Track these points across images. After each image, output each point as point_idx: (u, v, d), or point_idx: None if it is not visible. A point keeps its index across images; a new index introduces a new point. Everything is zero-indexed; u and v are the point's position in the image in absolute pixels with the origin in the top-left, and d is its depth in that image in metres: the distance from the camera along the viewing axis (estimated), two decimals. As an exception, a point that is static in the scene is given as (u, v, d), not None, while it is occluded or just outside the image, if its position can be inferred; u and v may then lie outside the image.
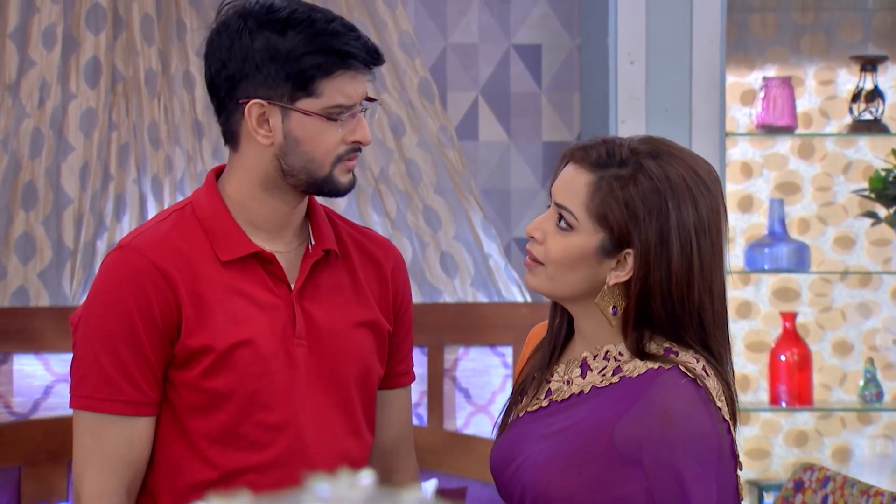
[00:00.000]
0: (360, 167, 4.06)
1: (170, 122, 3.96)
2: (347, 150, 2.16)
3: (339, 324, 2.23)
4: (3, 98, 3.88)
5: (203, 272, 2.16)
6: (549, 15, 4.35)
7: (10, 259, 3.87)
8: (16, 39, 3.88)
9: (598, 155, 2.00)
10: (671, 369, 1.99)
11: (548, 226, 2.05)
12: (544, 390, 2.09)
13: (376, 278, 2.31)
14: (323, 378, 2.21)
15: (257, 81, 2.12)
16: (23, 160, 3.88)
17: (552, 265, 2.04)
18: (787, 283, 4.47)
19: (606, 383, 2.03)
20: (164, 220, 2.21)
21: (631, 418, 1.98)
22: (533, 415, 2.08)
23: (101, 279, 2.17)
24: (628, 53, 4.14)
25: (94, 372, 2.13)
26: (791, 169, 4.49)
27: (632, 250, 2.00)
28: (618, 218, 1.99)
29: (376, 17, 4.09)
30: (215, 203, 2.20)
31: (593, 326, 2.07)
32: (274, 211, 2.20)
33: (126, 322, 2.12)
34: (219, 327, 2.14)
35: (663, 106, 4.16)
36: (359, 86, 2.15)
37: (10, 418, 3.86)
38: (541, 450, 2.03)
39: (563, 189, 2.03)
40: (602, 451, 1.98)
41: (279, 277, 2.20)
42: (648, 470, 1.96)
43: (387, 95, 4.11)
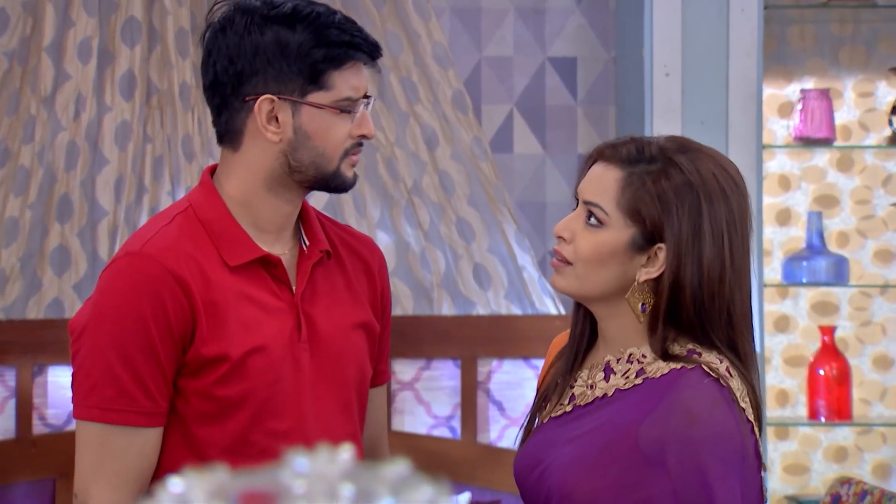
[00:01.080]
0: (394, 179, 4.06)
1: (203, 135, 3.97)
2: (353, 145, 2.15)
3: (339, 326, 2.21)
4: (39, 111, 3.90)
5: (213, 278, 2.12)
6: (584, 27, 4.34)
7: (45, 271, 3.89)
8: (51, 53, 3.91)
9: (627, 152, 2.02)
10: (694, 369, 1.99)
11: (576, 224, 2.04)
12: (568, 395, 2.09)
13: (365, 277, 2.30)
14: (325, 382, 2.19)
15: (268, 77, 2.10)
16: (58, 173, 3.90)
17: (582, 263, 2.03)
18: (825, 296, 4.43)
19: (629, 385, 2.03)
20: (168, 224, 2.15)
21: (654, 418, 1.97)
22: (557, 420, 2.08)
23: (111, 287, 2.09)
24: (664, 65, 4.12)
25: (106, 382, 2.06)
26: (830, 182, 4.45)
27: (664, 245, 2.00)
28: (651, 211, 1.99)
29: (409, 28, 4.09)
30: (216, 205, 2.15)
31: (618, 329, 2.06)
32: (277, 211, 2.17)
33: (141, 330, 2.06)
34: (233, 335, 2.11)
35: (699, 118, 4.13)
36: (363, 79, 2.15)
37: (45, 430, 3.87)
38: (565, 453, 2.02)
39: (592, 186, 2.04)
40: (626, 452, 1.97)
41: (282, 281, 2.17)
42: (672, 470, 1.95)
43: (420, 107, 4.11)
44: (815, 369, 4.23)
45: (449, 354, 3.98)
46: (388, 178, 4.06)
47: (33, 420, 3.85)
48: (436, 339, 3.98)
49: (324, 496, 0.95)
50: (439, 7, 4.24)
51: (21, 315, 3.88)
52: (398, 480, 0.95)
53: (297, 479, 0.96)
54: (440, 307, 4.03)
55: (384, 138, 4.06)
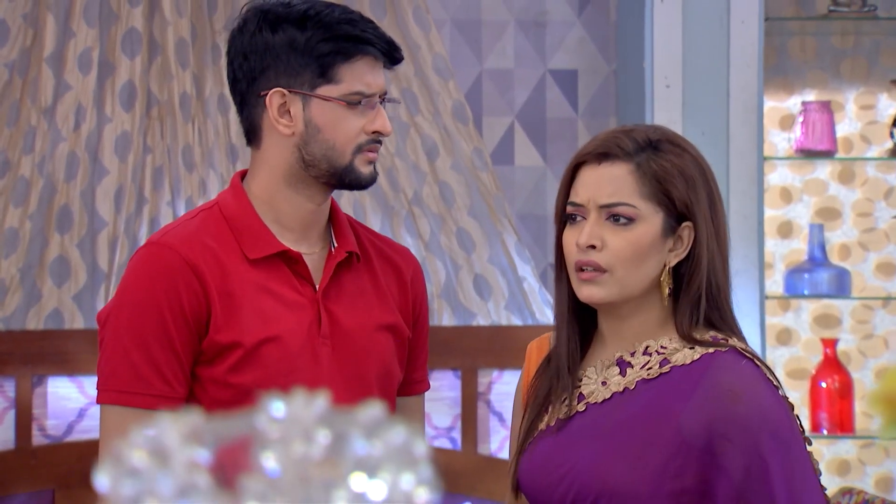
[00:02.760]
0: (394, 189, 4.06)
1: (204, 146, 3.97)
2: (368, 141, 2.19)
3: (362, 325, 2.26)
4: (39, 122, 3.91)
5: (231, 269, 2.19)
6: (585, 40, 4.34)
7: (45, 282, 3.89)
8: (52, 64, 3.91)
9: (622, 146, 2.02)
10: (728, 351, 2.00)
11: (601, 230, 2.03)
12: (575, 396, 2.07)
13: (397, 284, 2.34)
14: (346, 377, 2.23)
15: (278, 71, 2.17)
16: (58, 183, 3.91)
17: (621, 266, 2.01)
18: (827, 309, 4.41)
19: (655, 374, 2.02)
20: (191, 218, 2.25)
21: (696, 404, 1.97)
22: (568, 422, 2.06)
23: (130, 275, 2.19)
24: (665, 77, 4.12)
25: (123, 367, 2.14)
26: (831, 194, 4.44)
27: (690, 222, 2.02)
28: (679, 189, 2.01)
29: (410, 40, 4.10)
30: (242, 203, 2.23)
31: (638, 324, 2.06)
32: (299, 208, 2.23)
33: (156, 316, 2.14)
34: (247, 323, 2.17)
35: (700, 130, 4.13)
36: (378, 76, 2.19)
37: (44, 441, 3.86)
38: (596, 450, 2.01)
39: (604, 188, 2.02)
40: (667, 440, 1.97)
41: (305, 277, 2.23)
42: (721, 452, 1.94)
43: (420, 118, 4.11)
44: (818, 382, 4.22)
45: (449, 365, 3.97)
46: (389, 188, 4.06)
47: (33, 431, 3.85)
48: (436, 349, 3.94)
49: (299, 440, 0.94)
50: (440, 19, 4.25)
51: (21, 326, 3.88)
52: (372, 423, 0.94)
53: (272, 424, 0.96)
54: (440, 318, 4.02)
55: (384, 149, 4.06)
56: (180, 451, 0.95)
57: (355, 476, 0.90)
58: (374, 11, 4.06)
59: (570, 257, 2.05)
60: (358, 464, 0.92)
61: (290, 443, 0.94)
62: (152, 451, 0.95)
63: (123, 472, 0.93)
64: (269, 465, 0.92)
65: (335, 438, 0.93)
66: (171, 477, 0.92)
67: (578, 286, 2.04)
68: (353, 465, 0.91)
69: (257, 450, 0.94)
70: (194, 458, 0.94)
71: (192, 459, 0.94)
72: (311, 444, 0.93)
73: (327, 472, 0.91)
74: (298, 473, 0.92)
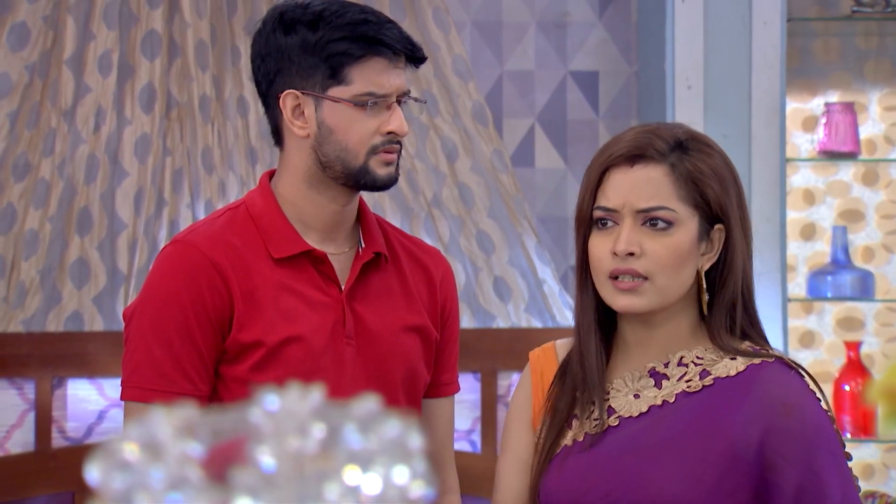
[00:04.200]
0: (413, 191, 4.04)
1: (223, 148, 3.97)
2: (383, 142, 2.18)
3: (388, 326, 2.25)
4: (60, 124, 3.91)
5: (255, 268, 2.19)
6: (606, 41, 4.32)
7: (65, 284, 3.89)
8: (72, 66, 3.91)
9: (656, 147, 1.94)
10: (774, 362, 1.94)
11: (638, 236, 1.94)
12: (604, 410, 1.97)
13: (426, 285, 2.33)
14: (370, 378, 2.22)
15: (292, 73, 2.18)
16: (78, 186, 3.91)
17: (662, 274, 1.93)
18: (851, 311, 4.38)
19: (698, 387, 1.94)
20: (218, 217, 2.26)
21: (747, 417, 1.90)
22: (600, 437, 1.96)
23: (155, 273, 2.21)
24: (686, 79, 4.10)
25: (147, 363, 2.15)
26: (854, 196, 4.41)
27: (722, 224, 1.96)
28: (714, 191, 1.94)
29: (430, 41, 4.09)
30: (269, 202, 2.24)
31: (670, 333, 1.98)
32: (322, 209, 2.23)
33: (179, 314, 2.15)
34: (270, 322, 2.17)
35: (722, 132, 4.11)
36: (392, 76, 2.17)
37: (64, 443, 3.86)
38: (644, 467, 1.91)
39: (641, 191, 1.93)
40: (721, 455, 1.89)
41: (330, 277, 2.22)
42: (775, 467, 1.89)
43: (440, 120, 4.10)
44: (841, 385, 4.19)
45: (469, 368, 3.95)
46: (408, 190, 4.05)
47: (52, 433, 3.85)
48: (456, 351, 3.95)
49: (293, 434, 0.93)
50: (460, 21, 4.24)
51: (41, 328, 3.88)
52: (367, 416, 0.93)
53: (266, 418, 0.95)
54: (460, 320, 4.00)
55: (404, 151, 4.05)
56: (173, 444, 0.93)
57: (349, 470, 0.89)
58: (394, 13, 4.05)
59: (602, 265, 1.95)
60: (352, 457, 0.90)
61: (284, 437, 0.93)
62: (144, 445, 0.94)
63: (114, 466, 0.92)
64: (264, 460, 0.91)
65: (329, 432, 0.92)
66: (163, 471, 0.91)
67: (614, 296, 1.94)
68: (346, 459, 0.90)
69: (251, 444, 0.93)
70: (187, 451, 0.93)
71: (184, 453, 0.93)
72: (305, 438, 0.92)
73: (321, 466, 0.89)
74: (292, 467, 0.91)
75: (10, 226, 3.89)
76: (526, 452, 2.06)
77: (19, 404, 3.85)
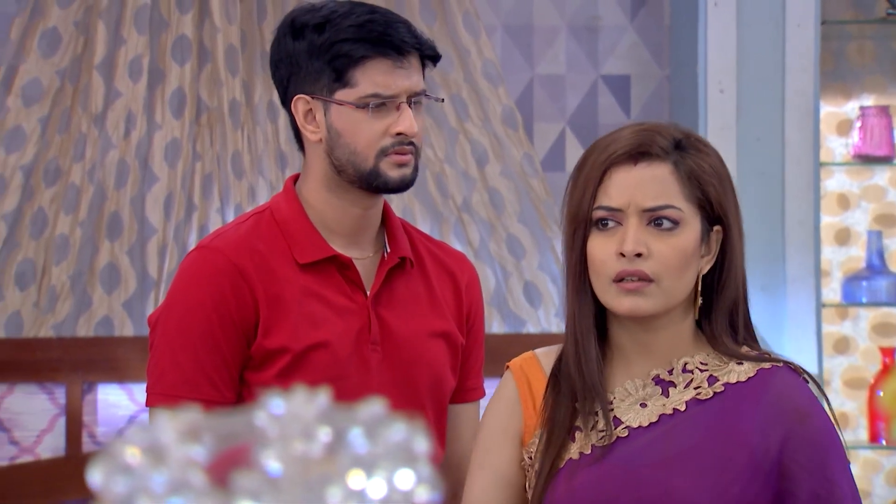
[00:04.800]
0: (443, 196, 4.03)
1: (253, 152, 3.97)
2: (393, 143, 2.16)
3: (414, 332, 2.23)
4: (90, 129, 3.92)
5: (280, 274, 2.17)
6: (638, 45, 4.29)
7: (95, 289, 3.90)
8: (102, 71, 3.92)
9: (660, 144, 1.88)
10: (783, 367, 1.90)
11: (645, 236, 1.86)
12: (609, 420, 1.89)
13: (451, 290, 2.31)
14: (396, 384, 2.21)
15: (301, 78, 2.18)
16: (108, 191, 3.91)
17: (669, 276, 1.86)
18: (886, 317, 4.34)
19: (709, 394, 1.88)
20: (243, 222, 2.25)
21: (763, 424, 1.85)
22: (610, 449, 1.88)
23: (180, 278, 2.20)
24: (718, 82, 4.08)
25: (172, 369, 2.14)
26: (890, 200, 4.37)
27: (720, 225, 1.90)
28: (716, 190, 1.88)
29: (459, 45, 4.07)
30: (294, 207, 2.22)
31: (668, 339, 1.91)
32: (345, 213, 2.22)
33: (204, 320, 2.14)
34: (295, 328, 2.16)
35: (755, 135, 4.08)
36: (398, 77, 2.15)
37: (94, 448, 3.86)
38: (667, 479, 1.84)
39: (648, 190, 1.86)
40: (742, 464, 1.84)
41: (355, 283, 2.21)
42: (792, 476, 1.85)
43: (470, 124, 4.08)
44: (876, 391, 4.14)
45: (498, 373, 3.91)
46: (438, 195, 4.03)
47: (83, 438, 3.85)
48: (485, 357, 3.93)
49: (299, 438, 0.91)
50: (491, 25, 4.22)
51: (71, 333, 3.89)
52: (372, 420, 0.91)
53: (272, 421, 0.93)
54: (490, 325, 3.98)
55: (433, 155, 4.04)
56: (177, 448, 0.92)
57: (353, 474, 0.88)
58: (424, 17, 4.04)
59: (606, 268, 1.87)
60: (357, 461, 0.89)
61: (290, 441, 0.91)
62: (147, 449, 0.92)
63: (116, 470, 0.90)
64: (269, 464, 0.89)
65: (335, 436, 0.91)
66: (165, 475, 0.89)
67: (618, 298, 1.85)
68: (351, 463, 0.88)
69: (257, 448, 0.91)
70: (191, 455, 0.92)
71: (188, 457, 0.91)
72: (311, 442, 0.90)
73: (324, 470, 0.88)
74: (296, 471, 0.89)
75: (41, 231, 3.90)
76: (509, 468, 1.95)
77: (50, 409, 3.86)
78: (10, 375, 3.84)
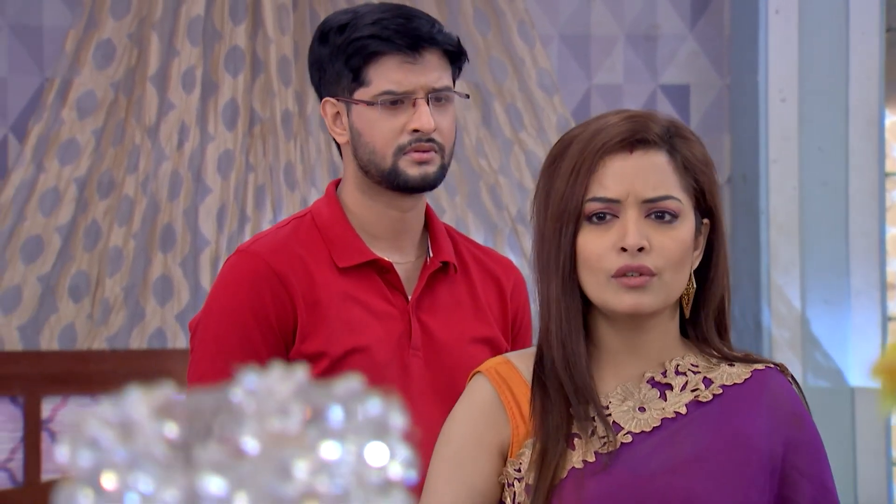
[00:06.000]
0: (497, 207, 3.98)
1: (306, 163, 3.95)
2: (410, 140, 2.14)
3: (457, 338, 2.20)
4: (143, 141, 3.91)
5: (320, 278, 2.15)
6: (697, 53, 4.23)
7: (148, 301, 3.89)
8: (156, 83, 3.92)
9: (656, 131, 1.77)
10: (775, 369, 1.83)
11: (645, 229, 1.75)
12: (609, 426, 1.77)
13: (496, 296, 2.27)
14: (437, 391, 2.17)
15: (327, 80, 2.19)
16: (161, 202, 3.91)
17: (670, 270, 1.75)
18: (955, 331, 4.24)
19: (708, 397, 1.79)
20: (283, 227, 2.23)
21: (767, 427, 1.79)
22: (615, 455, 1.76)
23: (219, 283, 2.19)
24: (780, 91, 4.01)
25: (210, 375, 2.12)
26: (958, 211, 4.27)
27: (707, 219, 1.81)
28: (708, 181, 1.79)
29: (514, 55, 4.03)
30: (335, 212, 2.21)
31: (660, 339, 1.80)
32: (381, 216, 2.20)
33: (241, 325, 2.12)
34: (334, 333, 2.13)
35: (817, 145, 4.01)
36: (412, 73, 2.14)
37: (147, 461, 3.85)
38: (687, 487, 1.75)
39: (647, 180, 1.75)
40: (756, 469, 1.76)
41: (396, 287, 2.18)
42: (793, 482, 1.78)
43: (525, 134, 4.04)
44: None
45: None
46: (492, 205, 3.99)
47: (136, 451, 3.84)
48: (541, 370, 3.89)
49: (275, 414, 0.87)
50: (548, 35, 4.17)
51: (124, 345, 3.88)
52: (348, 395, 0.87)
53: (247, 398, 0.89)
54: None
55: (487, 166, 4.00)
56: (148, 424, 0.88)
57: (326, 445, 0.83)
58: (478, 26, 4.01)
59: (605, 263, 1.74)
60: (327, 434, 0.85)
61: (265, 417, 0.87)
62: (117, 424, 0.89)
63: (82, 444, 0.87)
64: (245, 440, 0.86)
65: (311, 411, 0.86)
66: (131, 449, 0.86)
67: (618, 295, 1.73)
68: (322, 436, 0.84)
69: (231, 423, 0.87)
70: (163, 431, 0.88)
71: (158, 432, 0.88)
72: (287, 418, 0.86)
73: (292, 443, 0.84)
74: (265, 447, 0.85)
75: (95, 243, 3.90)
76: (484, 482, 1.80)
77: (103, 422, 3.86)
78: (63, 388, 3.84)
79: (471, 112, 4.00)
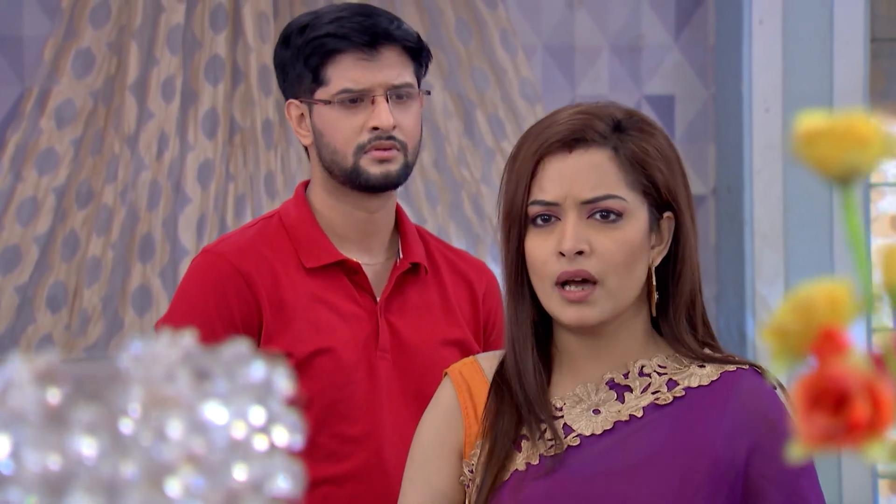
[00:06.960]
0: (479, 216, 3.96)
1: (286, 173, 3.93)
2: (370, 139, 2.13)
3: (426, 340, 2.19)
4: (122, 150, 3.89)
5: (286, 279, 2.14)
6: (682, 64, 4.21)
7: (127, 311, 3.86)
8: (135, 92, 3.90)
9: (596, 129, 1.72)
10: (749, 370, 1.76)
11: (586, 232, 1.71)
12: (558, 429, 1.73)
13: (468, 298, 2.26)
14: (406, 393, 2.16)
15: (290, 83, 2.20)
16: (140, 212, 3.88)
17: (615, 274, 1.70)
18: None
19: (668, 400, 1.74)
20: (250, 227, 2.24)
21: (729, 432, 1.72)
22: (561, 458, 1.72)
23: (184, 283, 2.19)
24: (764, 101, 3.98)
25: None
26: (945, 222, 4.25)
27: (671, 212, 1.75)
28: (662, 174, 1.73)
29: (496, 64, 4.01)
30: (303, 212, 2.20)
31: (623, 341, 1.75)
32: (348, 216, 2.18)
33: (206, 325, 2.10)
34: (299, 334, 2.12)
35: (802, 155, 3.97)
36: (369, 70, 2.14)
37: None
38: (624, 490, 1.70)
39: (586, 179, 1.70)
40: (706, 475, 1.70)
41: (364, 288, 2.17)
42: (761, 493, 1.70)
43: (507, 144, 4.01)
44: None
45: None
46: (474, 215, 3.96)
47: (114, 463, 3.81)
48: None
49: (161, 379, 0.84)
50: (531, 45, 4.15)
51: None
52: (233, 359, 0.84)
53: (134, 364, 0.87)
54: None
55: (469, 175, 3.98)
56: (29, 389, 0.86)
57: (206, 406, 0.81)
58: (461, 36, 3.99)
59: (548, 269, 1.71)
60: (211, 398, 0.82)
61: (152, 382, 0.85)
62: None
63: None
64: (129, 405, 0.83)
65: (197, 376, 0.84)
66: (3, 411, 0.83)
67: (562, 307, 1.70)
68: (205, 398, 0.82)
69: (118, 389, 0.85)
70: (45, 396, 0.86)
71: (37, 397, 0.85)
72: (173, 383, 0.84)
73: (169, 405, 0.81)
74: (149, 409, 0.82)
75: (73, 253, 3.87)
76: (448, 486, 1.78)
77: (81, 433, 3.83)
78: (41, 398, 3.82)
79: (453, 121, 3.97)
